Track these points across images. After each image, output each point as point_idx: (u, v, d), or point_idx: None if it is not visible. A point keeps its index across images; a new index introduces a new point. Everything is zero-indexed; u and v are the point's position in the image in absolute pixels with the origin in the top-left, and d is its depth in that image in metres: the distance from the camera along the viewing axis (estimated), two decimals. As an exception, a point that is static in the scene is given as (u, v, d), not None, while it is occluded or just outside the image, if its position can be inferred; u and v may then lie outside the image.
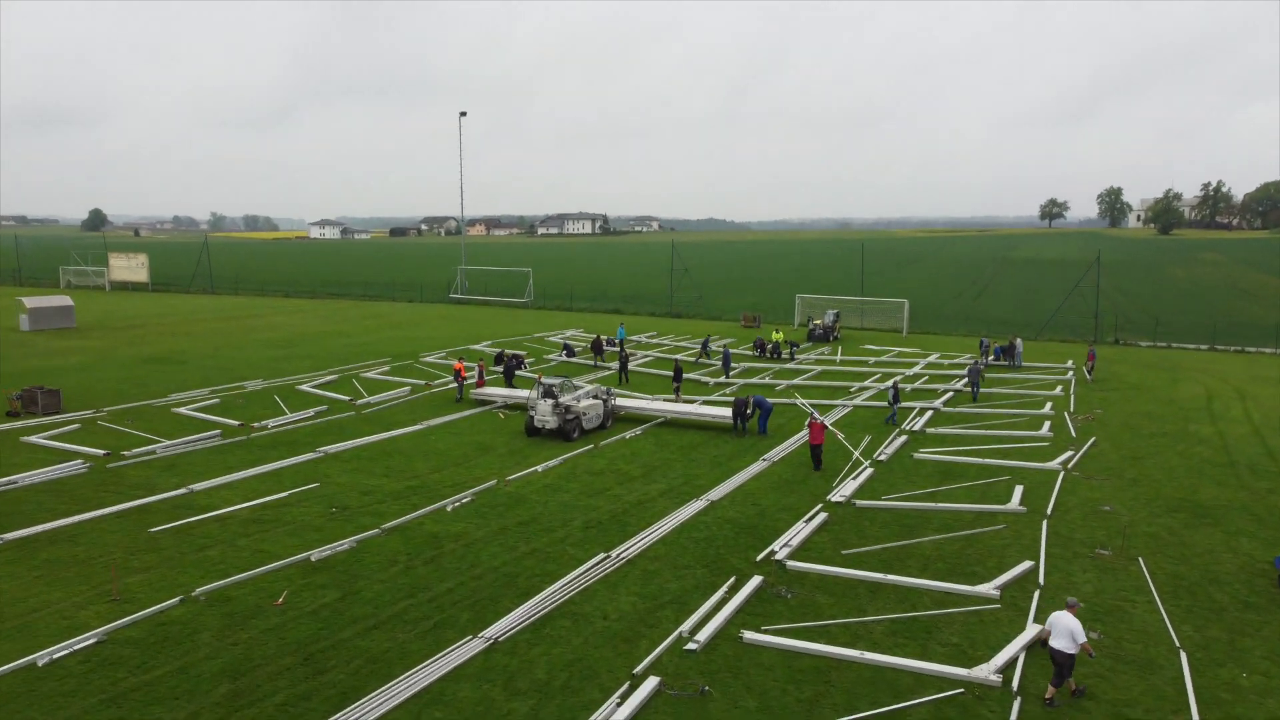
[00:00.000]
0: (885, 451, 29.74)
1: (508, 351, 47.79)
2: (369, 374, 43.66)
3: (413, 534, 21.79)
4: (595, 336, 50.65)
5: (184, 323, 65.44)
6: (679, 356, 50.10)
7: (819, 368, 46.77)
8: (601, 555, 20.45)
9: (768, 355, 50.76)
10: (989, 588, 18.60)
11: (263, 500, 24.15)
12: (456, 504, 24.00)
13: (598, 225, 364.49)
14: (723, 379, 42.87)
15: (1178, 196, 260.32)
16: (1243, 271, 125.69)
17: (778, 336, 51.78)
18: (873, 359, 50.46)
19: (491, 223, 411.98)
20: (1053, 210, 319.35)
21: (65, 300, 61.87)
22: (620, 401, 34.65)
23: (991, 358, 49.02)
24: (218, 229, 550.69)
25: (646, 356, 50.50)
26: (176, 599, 17.87)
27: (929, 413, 35.93)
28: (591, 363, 48.11)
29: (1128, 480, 26.94)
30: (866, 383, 42.56)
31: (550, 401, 31.21)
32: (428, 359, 48.63)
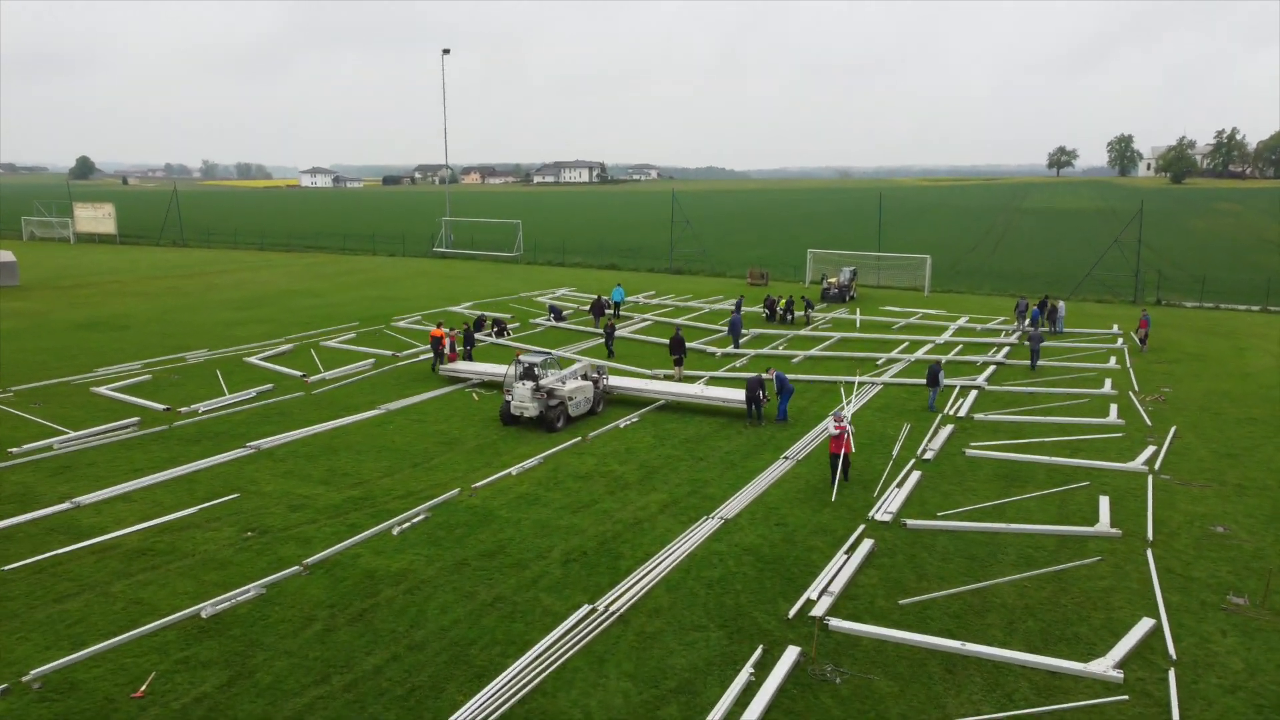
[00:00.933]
0: (931, 447, 24.78)
1: (488, 315, 42.75)
2: (330, 342, 38.57)
3: (344, 573, 16.91)
4: (596, 297, 45.37)
5: (141, 280, 60.14)
6: (680, 321, 45.00)
7: (838, 334, 41.67)
8: (585, 608, 15.60)
9: (778, 318, 45.62)
10: (1107, 666, 13.76)
11: (163, 519, 19.25)
12: (406, 525, 19.09)
13: (595, 174, 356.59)
14: (731, 349, 37.78)
15: (1191, 144, 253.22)
16: (1266, 223, 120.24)
17: (789, 297, 46.51)
18: (897, 322, 45.35)
19: (486, 171, 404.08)
20: (1061, 159, 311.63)
21: (6, 255, 56.51)
22: (613, 381, 29.62)
23: (1028, 321, 43.92)
24: (210, 177, 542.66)
25: (644, 321, 45.39)
26: (-1, 688, 13.02)
27: (973, 393, 30.93)
28: (588, 329, 42.97)
29: (1232, 486, 22.05)
30: (895, 353, 37.50)
31: (530, 384, 26.21)
32: (400, 324, 43.51)
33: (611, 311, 46.43)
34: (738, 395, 27.73)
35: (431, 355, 33.78)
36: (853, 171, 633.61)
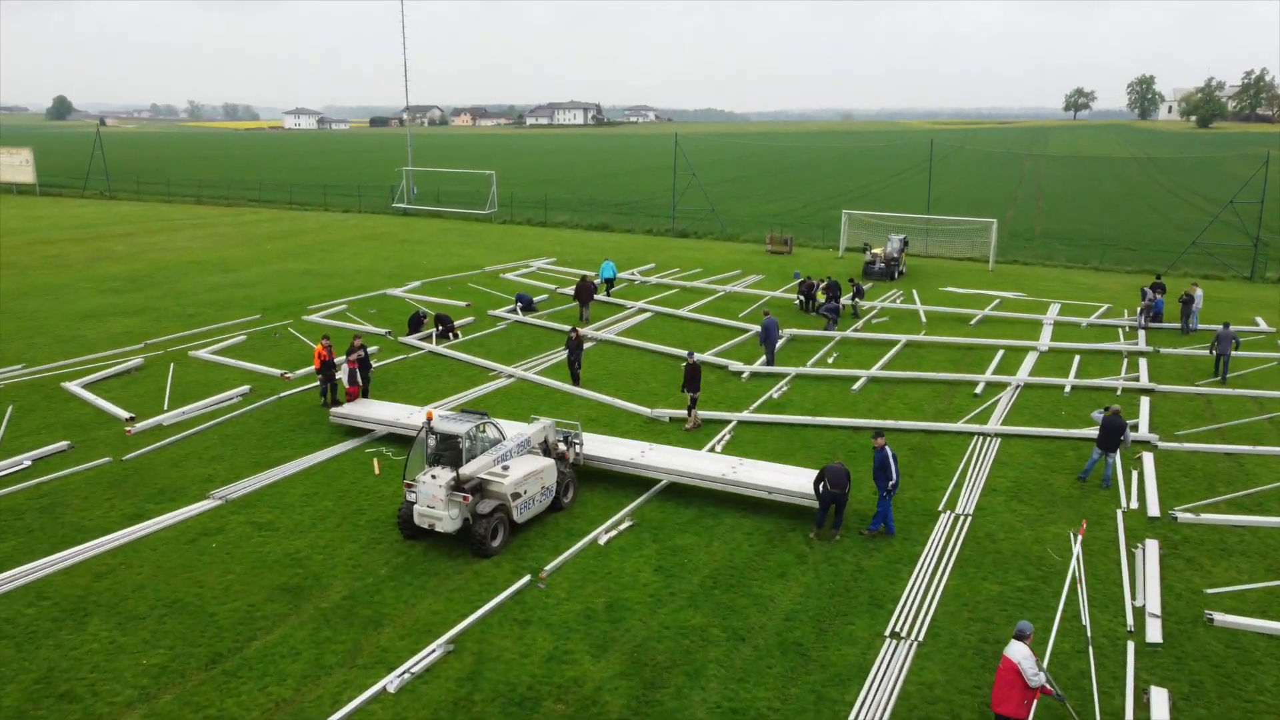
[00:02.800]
0: (1147, 604, 14.09)
1: (425, 311, 31.67)
2: (203, 352, 27.64)
3: None
4: (581, 278, 33.98)
5: (27, 244, 48.87)
6: (686, 312, 34.02)
7: (901, 336, 30.67)
8: None
9: (812, 309, 34.62)
10: None
11: None
12: None
13: (590, 115, 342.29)
14: (763, 367, 26.88)
15: (1219, 86, 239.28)
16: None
17: (829, 278, 35.43)
18: (974, 315, 34.31)
19: (478, 112, 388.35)
20: (1078, 100, 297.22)
21: None
22: (592, 446, 18.79)
23: (1150, 316, 33.01)
24: (196, 118, 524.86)
25: (642, 314, 34.32)
26: None
27: (1147, 458, 20.11)
28: (567, 326, 32.07)
29: None
30: (990, 371, 26.69)
31: (447, 473, 15.50)
32: (314, 317, 32.52)
33: (605, 295, 35.67)
34: (794, 482, 17.00)
35: (348, 380, 22.99)
36: (855, 114, 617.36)
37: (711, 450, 20.24)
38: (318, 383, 23.37)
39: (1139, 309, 33.24)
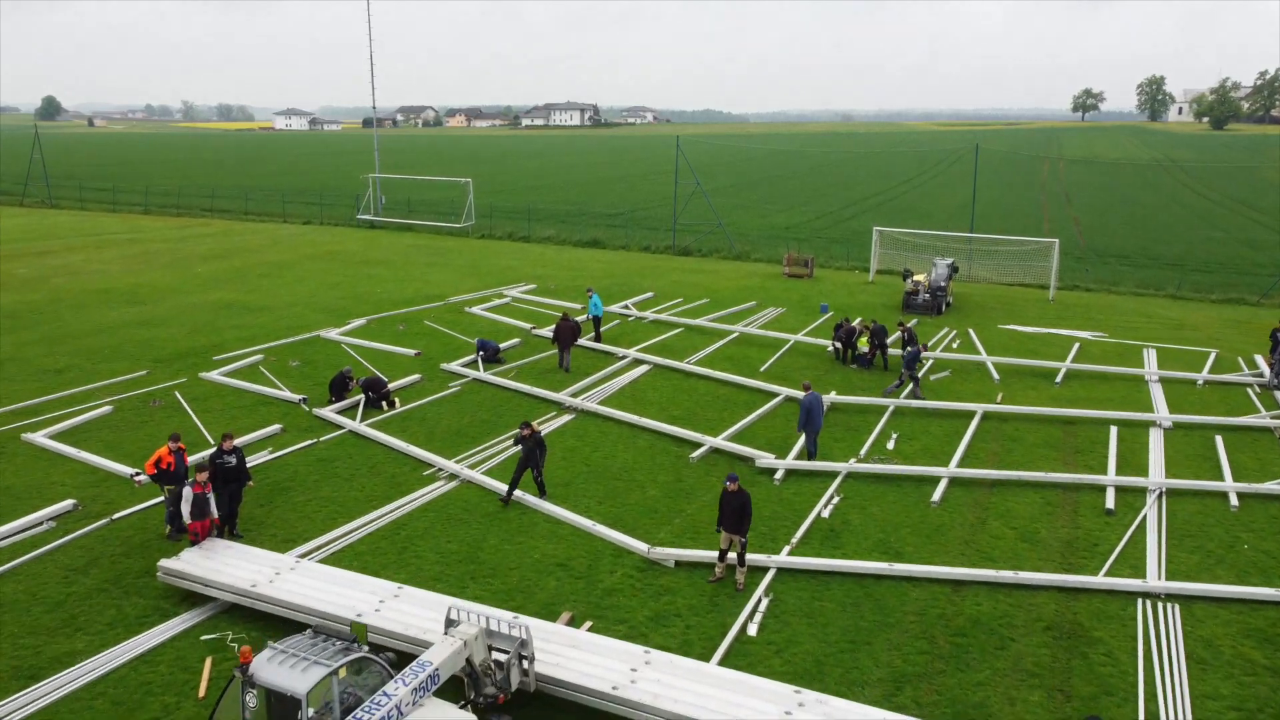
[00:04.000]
0: None
1: (351, 370, 24.13)
2: (39, 435, 20.40)
3: None
4: (561, 317, 26.81)
5: (-88, 267, 41.62)
6: (692, 365, 26.73)
7: (979, 407, 23.37)
8: None
9: (850, 361, 27.51)
10: None
11: None
12: None
13: (587, 116, 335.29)
14: (801, 462, 19.63)
15: (1235, 86, 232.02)
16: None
17: (873, 322, 28.33)
18: (1057, 370, 27.02)
19: (473, 113, 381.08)
20: (1087, 102, 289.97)
21: None
22: (547, 658, 11.49)
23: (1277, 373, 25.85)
24: (190, 118, 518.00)
25: (639, 366, 27.00)
26: None
27: None
28: (539, 389, 24.81)
29: None
30: (1113, 468, 19.48)
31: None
32: (215, 375, 25.19)
33: (592, 339, 28.56)
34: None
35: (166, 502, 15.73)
36: (854, 115, 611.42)
37: (743, 630, 13.10)
38: (164, 497, 16.15)
39: (1273, 361, 26.09)
